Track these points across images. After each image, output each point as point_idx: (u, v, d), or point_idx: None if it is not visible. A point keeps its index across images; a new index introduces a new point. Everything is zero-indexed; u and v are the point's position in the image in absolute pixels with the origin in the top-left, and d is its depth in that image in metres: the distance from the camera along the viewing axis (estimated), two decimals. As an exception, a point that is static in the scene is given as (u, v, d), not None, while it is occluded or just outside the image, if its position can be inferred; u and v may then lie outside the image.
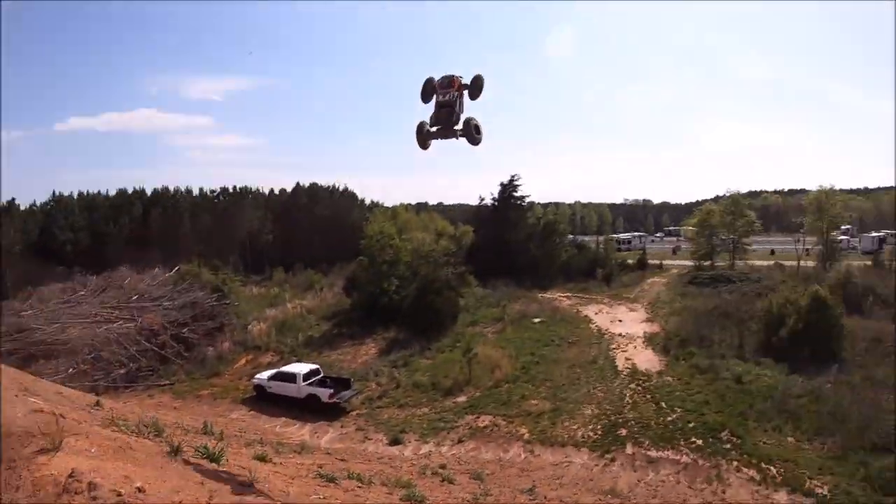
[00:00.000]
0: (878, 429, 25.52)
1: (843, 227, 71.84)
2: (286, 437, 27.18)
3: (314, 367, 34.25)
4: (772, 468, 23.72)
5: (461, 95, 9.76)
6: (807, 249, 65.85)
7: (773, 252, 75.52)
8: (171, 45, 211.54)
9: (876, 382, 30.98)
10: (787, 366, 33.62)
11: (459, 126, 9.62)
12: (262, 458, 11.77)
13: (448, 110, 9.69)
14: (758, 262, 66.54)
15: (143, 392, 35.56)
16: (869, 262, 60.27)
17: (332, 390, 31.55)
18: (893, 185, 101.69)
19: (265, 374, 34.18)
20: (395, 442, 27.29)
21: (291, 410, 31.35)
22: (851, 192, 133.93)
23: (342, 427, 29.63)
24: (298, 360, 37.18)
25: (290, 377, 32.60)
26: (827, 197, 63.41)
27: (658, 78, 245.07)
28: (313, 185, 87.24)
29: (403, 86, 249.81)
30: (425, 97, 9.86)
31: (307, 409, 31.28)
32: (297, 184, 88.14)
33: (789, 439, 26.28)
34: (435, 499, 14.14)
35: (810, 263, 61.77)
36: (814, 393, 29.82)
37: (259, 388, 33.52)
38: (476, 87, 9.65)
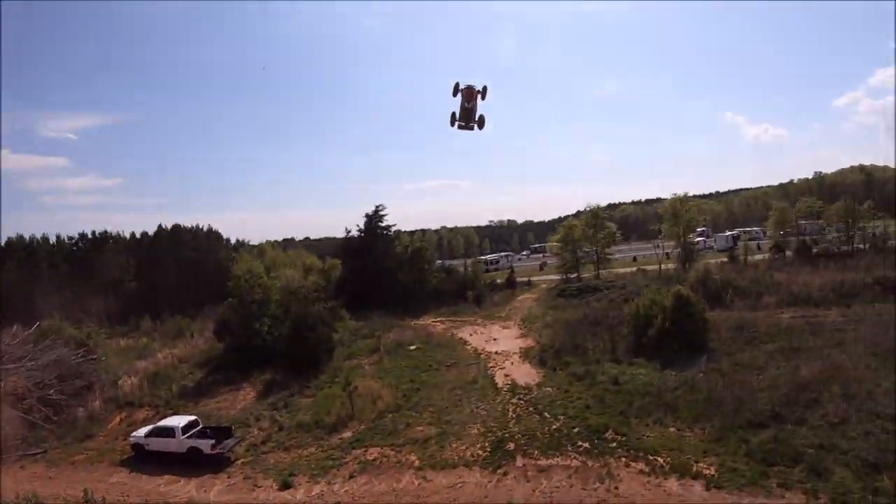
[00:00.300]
0: (752, 407, 28.24)
1: (698, 230, 78.58)
2: (172, 495, 26.31)
3: (192, 418, 33.10)
4: (659, 458, 25.42)
5: (476, 100, 16.65)
6: (666, 253, 71.34)
7: (635, 259, 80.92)
8: (22, 79, 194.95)
9: (743, 366, 34.21)
10: (659, 362, 36.45)
11: (475, 120, 16.92)
12: None
13: (469, 111, 16.76)
14: (621, 270, 71.19)
15: (15, 464, 32.51)
16: (725, 259, 66.25)
17: (213, 441, 30.52)
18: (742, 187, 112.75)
19: (142, 432, 32.59)
20: (285, 486, 26.82)
21: (174, 467, 30.01)
22: (703, 196, 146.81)
23: (229, 478, 28.72)
24: (175, 413, 35.82)
25: (169, 431, 31.38)
26: (681, 203, 69.23)
27: (513, 103, 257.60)
28: (176, 227, 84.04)
29: (268, 118, 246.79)
30: (455, 92, 16.41)
31: (190, 463, 30.07)
32: (160, 226, 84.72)
33: (671, 429, 28.29)
34: None
35: (671, 266, 67.01)
36: (688, 384, 32.37)
37: (137, 446, 31.95)
38: (484, 93, 16.58)
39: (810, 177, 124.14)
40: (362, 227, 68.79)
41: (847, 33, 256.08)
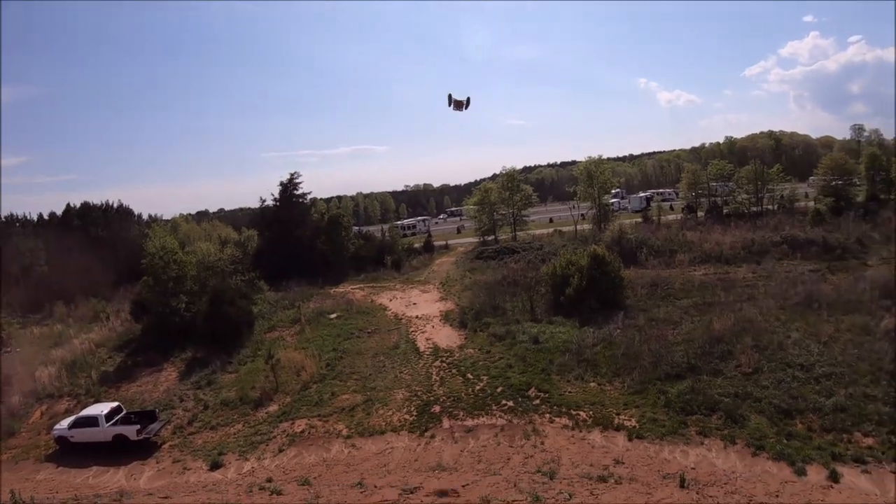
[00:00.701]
0: (669, 360, 29.19)
1: (613, 191, 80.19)
2: (102, 487, 25.04)
3: (115, 405, 31.60)
4: (581, 413, 26.07)
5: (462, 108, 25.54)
6: (582, 214, 72.79)
7: (551, 220, 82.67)
8: None
9: (659, 322, 35.31)
10: (577, 320, 37.18)
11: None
12: None
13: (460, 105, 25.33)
14: (538, 231, 72.59)
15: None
16: (639, 220, 68.59)
17: (138, 426, 29.31)
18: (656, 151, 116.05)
19: (64, 424, 30.84)
20: (215, 466, 26.03)
21: (101, 457, 28.61)
22: (618, 159, 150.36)
23: (158, 463, 27.70)
24: (97, 401, 34.00)
25: (92, 421, 29.86)
26: (596, 165, 70.41)
27: (425, 67, 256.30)
28: (85, 206, 79.35)
29: (176, 87, 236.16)
30: (449, 102, 24.99)
31: (117, 451, 28.83)
32: (68, 205, 79.78)
33: (592, 384, 28.99)
34: None
35: (586, 226, 68.50)
36: (606, 340, 33.18)
37: (61, 439, 30.25)
38: (468, 103, 25.33)
39: (721, 141, 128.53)
40: (277, 196, 66.85)
41: (759, 6, 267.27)
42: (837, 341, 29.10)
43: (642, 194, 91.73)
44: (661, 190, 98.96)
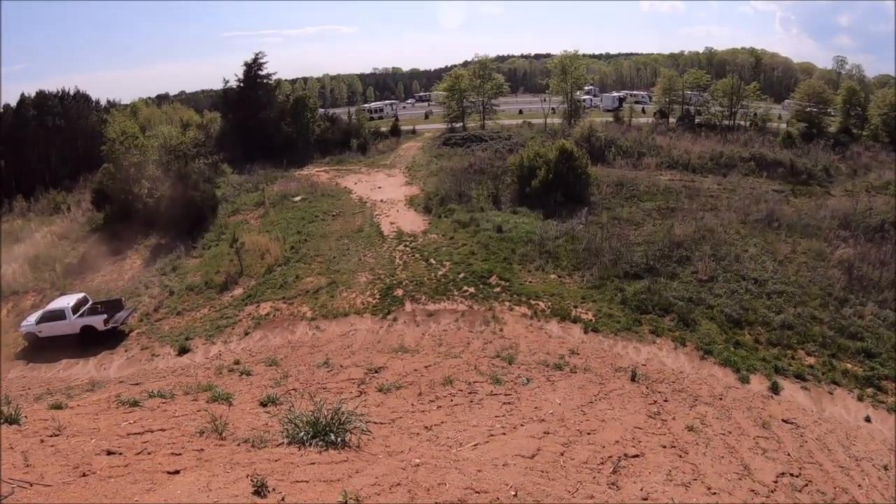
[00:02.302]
0: (628, 259, 30.04)
1: (585, 88, 79.75)
2: (73, 379, 24.90)
3: (80, 296, 31.07)
4: (540, 303, 26.83)
5: None
6: (552, 108, 72.42)
7: (521, 112, 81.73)
8: None
9: (622, 221, 36.20)
10: (541, 213, 37.93)
11: None
12: (58, 407, 11.83)
13: None
14: (507, 122, 71.88)
15: None
16: (610, 119, 68.47)
17: (105, 316, 29.02)
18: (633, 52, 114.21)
19: (31, 320, 30.16)
20: (183, 351, 26.10)
21: (70, 350, 28.32)
22: (594, 56, 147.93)
23: (126, 351, 27.64)
24: (62, 294, 33.34)
25: (59, 314, 29.33)
26: (571, 60, 69.52)
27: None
28: (41, 94, 75.51)
29: None
30: None
31: (85, 342, 28.61)
32: (23, 95, 75.67)
33: (552, 276, 29.75)
34: (239, 391, 14.13)
35: (556, 121, 68.28)
36: (569, 234, 33.87)
37: (30, 336, 29.73)
38: None
39: (701, 51, 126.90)
40: (241, 77, 65.05)
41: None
42: (792, 262, 30.26)
43: (615, 94, 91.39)
44: (634, 92, 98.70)
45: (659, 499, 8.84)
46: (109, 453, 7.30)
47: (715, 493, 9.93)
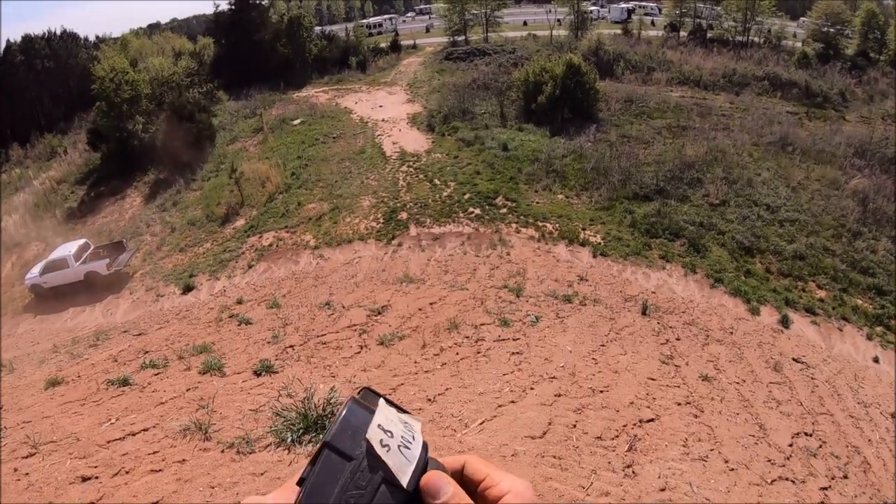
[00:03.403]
0: (638, 180, 29.26)
1: (593, -1, 76.93)
2: (80, 328, 24.60)
3: (82, 242, 30.65)
4: (548, 225, 26.33)
5: None
6: (558, 20, 69.80)
7: (525, 24, 79.21)
8: None
9: (631, 139, 35.18)
10: (548, 129, 36.78)
11: None
12: (54, 383, 12.36)
13: None
14: (511, 34, 69.45)
15: None
16: (619, 31, 66.02)
17: (107, 260, 28.68)
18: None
19: (35, 271, 29.75)
20: (188, 289, 25.82)
21: (77, 297, 28.07)
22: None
23: (131, 293, 27.37)
24: (64, 241, 32.73)
25: (62, 263, 28.88)
26: (578, -31, 66.35)
27: None
28: (26, 38, 73.33)
29: None
30: None
31: (91, 288, 28.32)
32: (8, 41, 73.67)
33: (559, 196, 29.13)
34: (234, 351, 13.92)
35: (562, 33, 66.05)
36: (576, 152, 32.91)
37: (35, 287, 29.37)
38: None
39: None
40: None
41: None
42: (806, 189, 29.36)
43: (624, 5, 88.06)
44: (643, 3, 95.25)
45: (677, 486, 8.54)
46: (84, 479, 7.24)
47: (733, 469, 9.70)
